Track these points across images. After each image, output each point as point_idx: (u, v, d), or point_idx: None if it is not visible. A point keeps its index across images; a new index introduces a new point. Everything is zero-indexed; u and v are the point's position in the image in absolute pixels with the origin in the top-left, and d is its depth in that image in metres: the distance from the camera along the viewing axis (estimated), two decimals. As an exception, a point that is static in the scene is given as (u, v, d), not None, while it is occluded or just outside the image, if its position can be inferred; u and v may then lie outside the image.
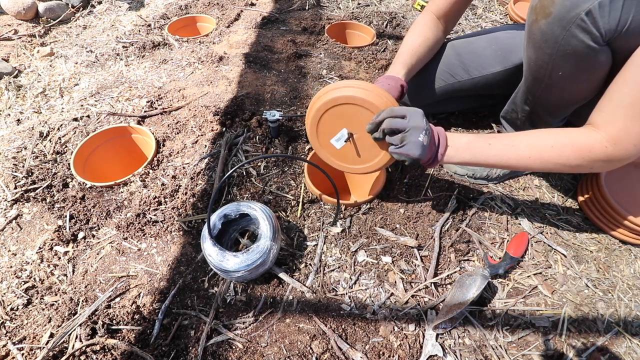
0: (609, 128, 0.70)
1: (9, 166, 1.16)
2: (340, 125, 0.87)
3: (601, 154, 0.71)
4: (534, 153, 0.76)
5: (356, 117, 0.84)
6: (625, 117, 0.67)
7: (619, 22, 0.66)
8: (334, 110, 0.85)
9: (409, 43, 1.07)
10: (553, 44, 0.77)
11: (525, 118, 1.03)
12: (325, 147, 0.93)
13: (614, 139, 0.69)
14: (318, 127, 0.89)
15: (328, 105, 0.85)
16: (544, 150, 0.75)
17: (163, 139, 1.26)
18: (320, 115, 0.87)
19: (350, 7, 2.17)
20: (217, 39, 1.82)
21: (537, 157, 0.76)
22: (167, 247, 0.96)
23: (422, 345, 0.80)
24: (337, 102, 0.83)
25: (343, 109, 0.84)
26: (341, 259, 0.95)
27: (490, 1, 2.22)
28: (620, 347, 0.82)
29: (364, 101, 0.81)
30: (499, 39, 1.10)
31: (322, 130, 0.90)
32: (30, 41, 1.91)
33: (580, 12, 0.69)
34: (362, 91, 0.82)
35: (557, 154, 0.74)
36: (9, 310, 0.85)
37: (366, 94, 0.81)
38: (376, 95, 0.82)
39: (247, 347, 0.78)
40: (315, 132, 0.91)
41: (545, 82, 0.87)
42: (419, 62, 1.07)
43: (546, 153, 0.75)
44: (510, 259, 0.92)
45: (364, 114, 0.83)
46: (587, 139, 0.72)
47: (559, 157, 0.74)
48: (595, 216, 1.03)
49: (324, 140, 0.92)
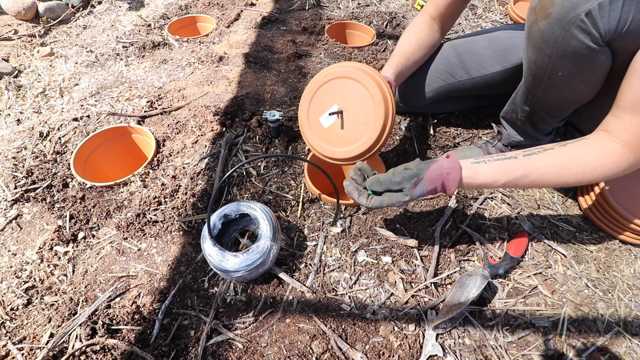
0: (626, 135, 0.69)
1: (9, 166, 1.16)
2: (331, 101, 0.89)
3: (626, 166, 0.70)
4: (564, 183, 0.73)
5: (348, 91, 0.86)
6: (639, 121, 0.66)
7: (619, 23, 0.66)
8: (328, 84, 0.88)
9: (402, 45, 1.07)
10: (553, 44, 0.77)
11: (525, 118, 1.03)
12: (312, 125, 0.94)
13: (633, 146, 0.68)
14: (311, 102, 0.91)
15: (324, 79, 0.88)
16: (575, 179, 0.72)
17: (163, 139, 1.26)
18: (316, 89, 0.89)
19: (350, 7, 2.17)
20: (217, 39, 1.82)
21: (566, 184, 0.74)
22: (167, 247, 0.96)
23: (422, 345, 0.80)
24: (332, 76, 0.87)
25: (337, 82, 0.87)
26: (341, 259, 0.95)
27: (490, 1, 2.22)
28: (620, 347, 0.82)
29: (358, 75, 0.84)
30: (499, 39, 1.10)
31: (314, 107, 0.92)
32: (30, 41, 1.91)
33: (579, 13, 0.69)
34: (357, 68, 0.86)
35: (588, 179, 0.72)
36: (9, 310, 0.85)
37: (360, 70, 0.85)
38: (369, 72, 0.86)
39: (247, 347, 0.78)
40: (307, 108, 0.92)
41: (544, 83, 0.87)
42: (412, 64, 1.07)
43: (577, 180, 0.72)
44: (510, 259, 0.92)
45: (356, 88, 0.85)
46: (614, 156, 0.70)
47: (590, 180, 0.72)
48: (595, 216, 1.03)
49: (314, 118, 0.93)
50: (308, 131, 0.95)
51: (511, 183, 0.74)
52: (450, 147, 1.26)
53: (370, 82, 0.84)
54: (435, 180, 0.72)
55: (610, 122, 0.72)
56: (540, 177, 0.73)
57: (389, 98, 0.87)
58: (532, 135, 1.06)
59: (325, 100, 0.89)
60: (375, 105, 0.86)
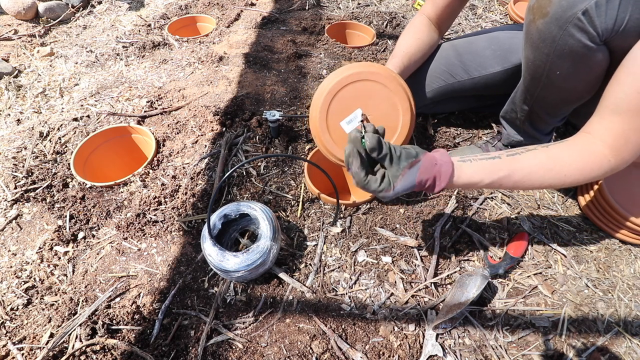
0: (607, 136, 0.68)
1: (9, 166, 1.16)
2: (354, 105, 0.82)
3: (607, 168, 0.70)
4: (547, 185, 0.74)
5: (374, 96, 0.80)
6: (622, 123, 0.66)
7: (616, 22, 0.66)
8: (351, 87, 0.80)
9: (402, 45, 1.07)
10: (550, 43, 0.77)
11: (525, 118, 1.03)
12: (332, 131, 0.86)
13: (614, 148, 0.68)
14: (330, 106, 0.83)
15: (348, 79, 0.79)
16: (558, 181, 0.72)
17: (163, 139, 1.26)
18: (337, 91, 0.81)
19: (350, 7, 2.17)
20: (217, 39, 1.82)
21: (548, 186, 0.74)
22: (167, 247, 0.96)
23: (422, 345, 0.80)
24: (359, 77, 0.79)
25: (362, 85, 0.80)
26: (341, 259, 0.95)
27: (490, 1, 2.22)
28: (620, 347, 0.82)
29: (387, 79, 0.78)
30: (499, 39, 1.10)
31: (334, 110, 0.83)
32: (30, 41, 1.91)
33: (577, 11, 0.69)
34: (384, 70, 0.80)
35: (570, 181, 0.72)
36: (9, 310, 0.85)
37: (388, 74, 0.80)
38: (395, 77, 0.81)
39: (247, 347, 0.78)
40: (325, 113, 0.83)
41: (543, 82, 0.87)
42: (412, 65, 1.07)
43: (560, 183, 0.73)
44: (510, 259, 0.92)
45: (382, 93, 0.79)
46: (595, 159, 0.70)
47: (572, 183, 0.72)
48: (595, 216, 1.03)
49: (333, 123, 0.84)
50: (326, 136, 0.86)
51: (495, 183, 0.73)
52: (450, 147, 1.26)
53: (398, 87, 0.80)
54: (428, 170, 0.68)
55: (593, 122, 0.72)
56: (523, 177, 0.72)
57: (413, 106, 0.85)
58: (532, 134, 1.06)
59: (347, 104, 0.82)
60: (402, 113, 0.84)
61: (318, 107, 0.83)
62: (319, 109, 0.84)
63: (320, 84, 0.95)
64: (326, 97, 0.82)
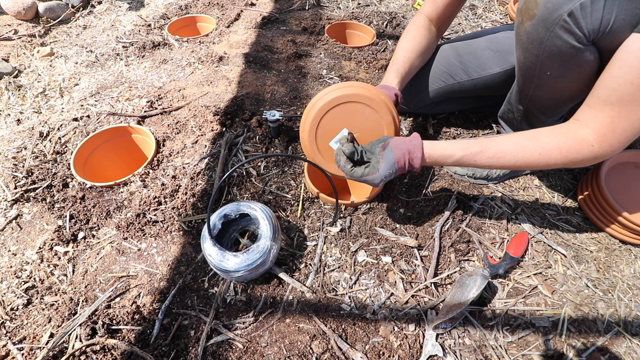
0: (594, 124, 0.71)
1: (9, 166, 1.16)
2: (340, 125, 0.88)
3: (588, 153, 0.72)
4: (522, 162, 0.77)
5: (357, 115, 0.85)
6: (612, 112, 0.68)
7: (602, 23, 0.67)
8: (335, 110, 0.86)
9: (402, 50, 1.07)
10: (539, 45, 0.78)
11: (521, 118, 1.03)
12: (323, 151, 0.92)
13: (600, 135, 0.70)
14: (318, 129, 0.89)
15: (331, 104, 0.85)
16: (531, 158, 0.76)
17: (163, 139, 1.26)
18: (322, 115, 0.87)
19: (350, 7, 2.17)
20: (217, 39, 1.82)
21: (525, 164, 0.77)
22: (167, 247, 0.96)
23: (422, 345, 0.80)
24: (340, 100, 0.85)
25: (345, 107, 0.85)
26: (341, 259, 0.95)
27: (490, 1, 2.22)
28: (620, 347, 0.82)
29: (367, 98, 0.83)
30: (498, 40, 1.10)
31: (322, 133, 0.90)
32: (30, 41, 1.91)
33: (562, 13, 0.69)
34: (363, 89, 0.84)
35: (545, 160, 0.75)
36: (9, 310, 0.85)
37: (368, 91, 0.84)
38: (376, 93, 0.85)
39: (247, 347, 0.78)
40: (314, 136, 0.90)
41: (535, 82, 0.88)
42: (412, 69, 1.08)
43: (534, 160, 0.76)
44: (510, 259, 0.92)
45: (365, 111, 0.84)
46: (575, 142, 0.73)
47: (548, 162, 0.75)
48: (595, 216, 1.03)
49: (323, 144, 0.91)
50: (319, 158, 0.93)
51: (468, 157, 0.78)
52: (450, 147, 1.26)
53: (379, 104, 0.85)
54: (400, 146, 0.78)
55: (582, 110, 0.74)
56: (496, 153, 0.77)
57: (396, 118, 0.90)
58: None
59: (333, 126, 0.88)
60: (386, 127, 0.88)
61: (307, 132, 0.91)
62: (307, 134, 0.91)
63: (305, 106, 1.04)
64: (312, 124, 0.89)
